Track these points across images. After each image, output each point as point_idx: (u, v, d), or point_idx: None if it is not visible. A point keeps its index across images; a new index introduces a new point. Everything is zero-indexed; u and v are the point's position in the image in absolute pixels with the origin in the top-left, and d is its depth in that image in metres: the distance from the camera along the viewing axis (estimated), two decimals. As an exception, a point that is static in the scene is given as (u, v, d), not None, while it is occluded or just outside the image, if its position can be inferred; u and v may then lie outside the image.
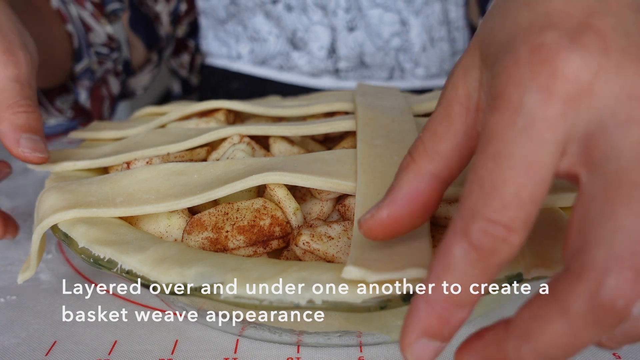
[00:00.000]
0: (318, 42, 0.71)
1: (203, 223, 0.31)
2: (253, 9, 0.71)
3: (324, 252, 0.29)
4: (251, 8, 0.71)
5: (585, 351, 0.32)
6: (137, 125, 0.47)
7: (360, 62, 0.72)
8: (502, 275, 0.27)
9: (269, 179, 0.32)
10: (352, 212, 0.33)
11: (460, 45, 0.77)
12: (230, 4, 0.73)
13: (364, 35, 0.70)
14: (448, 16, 0.74)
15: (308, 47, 0.71)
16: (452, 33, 0.75)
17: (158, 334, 0.34)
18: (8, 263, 0.43)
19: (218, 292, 0.26)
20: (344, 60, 0.72)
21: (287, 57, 0.73)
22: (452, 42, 0.75)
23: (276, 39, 0.72)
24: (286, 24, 0.71)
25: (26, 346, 0.33)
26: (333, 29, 0.70)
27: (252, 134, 0.40)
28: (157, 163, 0.37)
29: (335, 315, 0.28)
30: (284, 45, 0.72)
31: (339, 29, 0.70)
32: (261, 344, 0.33)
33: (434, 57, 0.74)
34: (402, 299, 0.25)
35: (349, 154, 0.35)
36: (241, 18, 0.73)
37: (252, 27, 0.72)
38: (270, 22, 0.71)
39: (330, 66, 0.72)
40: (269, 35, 0.72)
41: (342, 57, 0.71)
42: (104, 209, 0.32)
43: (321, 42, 0.71)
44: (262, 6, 0.71)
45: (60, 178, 0.38)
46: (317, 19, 0.70)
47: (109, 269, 0.29)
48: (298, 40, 0.71)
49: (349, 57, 0.71)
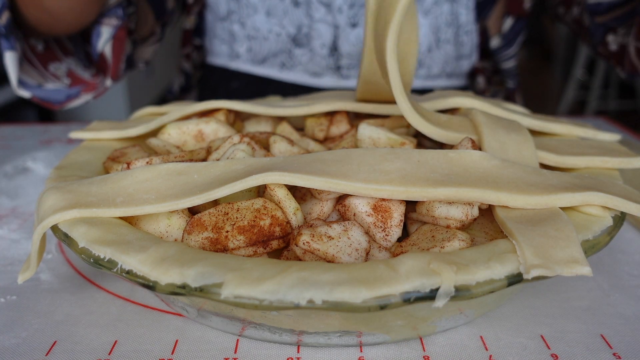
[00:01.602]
0: (320, 39, 0.71)
1: (203, 223, 0.31)
2: (255, 6, 0.71)
3: (324, 252, 0.29)
4: (253, 5, 0.71)
5: (585, 351, 0.32)
6: (137, 125, 0.47)
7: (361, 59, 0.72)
8: (502, 275, 0.27)
9: (269, 179, 0.32)
10: (352, 212, 0.33)
11: (467, 50, 0.77)
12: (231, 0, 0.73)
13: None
14: (458, 19, 0.74)
15: (310, 44, 0.71)
16: (461, 37, 0.75)
17: (158, 334, 0.34)
18: (8, 263, 0.43)
19: (218, 292, 0.26)
20: (345, 58, 0.72)
21: (290, 54, 0.73)
22: (459, 45, 0.75)
23: (277, 37, 0.72)
24: (291, 20, 0.70)
25: (26, 346, 0.33)
26: (336, 26, 0.70)
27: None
28: (157, 163, 0.37)
29: (335, 315, 0.28)
30: (286, 43, 0.72)
31: (341, 26, 0.70)
32: (261, 344, 0.33)
33: (438, 58, 0.74)
34: (402, 300, 0.25)
35: (349, 154, 0.35)
36: (241, 15, 0.73)
37: (252, 25, 0.72)
38: (272, 20, 0.71)
39: (332, 64, 0.72)
40: (269, 33, 0.72)
41: (344, 54, 0.71)
42: (104, 209, 0.32)
43: (323, 39, 0.71)
44: (264, 2, 0.71)
45: (60, 178, 0.38)
46: (320, 16, 0.70)
47: (109, 269, 0.29)
48: (302, 36, 0.71)
49: (350, 54, 0.71)
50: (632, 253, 0.44)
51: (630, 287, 0.39)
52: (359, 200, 0.33)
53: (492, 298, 0.32)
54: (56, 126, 0.82)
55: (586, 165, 0.39)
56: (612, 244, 0.45)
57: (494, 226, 0.34)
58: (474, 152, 0.35)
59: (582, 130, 0.44)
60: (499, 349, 0.32)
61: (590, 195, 0.32)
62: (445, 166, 0.34)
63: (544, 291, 0.38)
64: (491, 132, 0.39)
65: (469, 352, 0.32)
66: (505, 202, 0.32)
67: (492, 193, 0.32)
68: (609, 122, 0.82)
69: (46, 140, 0.74)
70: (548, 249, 0.28)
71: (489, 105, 0.45)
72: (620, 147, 0.41)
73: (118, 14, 0.62)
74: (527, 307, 0.36)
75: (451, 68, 0.76)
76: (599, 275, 0.40)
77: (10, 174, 0.61)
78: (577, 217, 0.32)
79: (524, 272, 0.27)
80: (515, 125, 0.41)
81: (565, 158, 0.39)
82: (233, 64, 0.77)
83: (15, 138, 0.76)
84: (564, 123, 0.45)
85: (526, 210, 0.32)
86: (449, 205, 0.32)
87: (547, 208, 0.32)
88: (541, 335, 0.34)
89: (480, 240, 0.33)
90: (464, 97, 0.45)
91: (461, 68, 0.78)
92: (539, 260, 0.27)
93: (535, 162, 0.37)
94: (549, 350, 0.32)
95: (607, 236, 0.31)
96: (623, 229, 0.47)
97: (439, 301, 0.25)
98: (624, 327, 0.34)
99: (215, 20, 0.76)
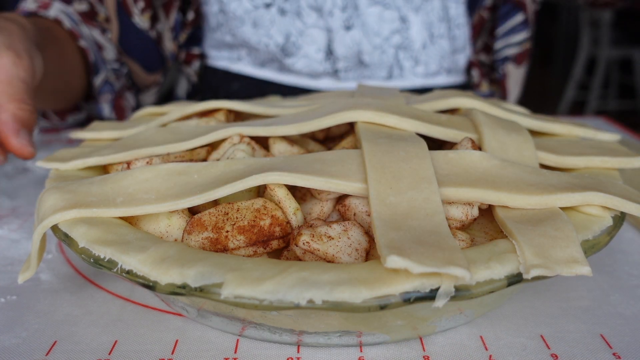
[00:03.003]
0: (314, 44, 0.70)
1: (203, 223, 0.31)
2: (241, 18, 0.71)
3: (324, 252, 0.29)
4: (239, 17, 0.71)
5: (585, 351, 0.32)
6: (137, 125, 0.47)
7: (358, 61, 0.72)
8: (502, 275, 0.27)
9: (269, 179, 0.32)
10: (352, 212, 0.33)
11: (460, 43, 0.77)
12: (219, 12, 0.73)
13: (360, 34, 0.70)
14: (448, 13, 0.74)
15: (303, 51, 0.71)
16: (453, 30, 0.75)
17: (158, 334, 0.34)
18: (8, 263, 0.43)
19: (218, 292, 0.26)
20: (342, 61, 0.71)
21: (281, 64, 0.73)
22: (452, 39, 0.76)
23: (266, 48, 0.72)
24: (279, 29, 0.70)
25: (26, 346, 0.33)
26: (329, 30, 0.70)
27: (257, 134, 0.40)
28: (157, 163, 0.37)
29: (335, 315, 0.28)
30: (276, 53, 0.72)
31: (335, 29, 0.70)
32: (261, 344, 0.33)
33: (434, 54, 0.74)
34: (402, 300, 0.25)
35: (349, 154, 0.35)
36: (230, 27, 0.73)
37: (241, 36, 0.72)
38: (259, 31, 0.71)
39: (329, 68, 0.72)
40: (258, 44, 0.72)
41: (340, 57, 0.71)
42: (104, 209, 0.32)
43: (318, 44, 0.71)
44: (249, 14, 0.70)
45: (60, 178, 0.38)
46: (312, 22, 0.70)
47: (109, 269, 0.29)
48: (291, 45, 0.71)
49: (347, 56, 0.71)
50: (632, 253, 0.44)
51: (630, 287, 0.39)
52: (359, 200, 0.33)
53: (492, 298, 0.32)
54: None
55: (586, 165, 0.39)
56: (612, 244, 0.45)
57: (494, 226, 0.34)
58: (474, 152, 0.35)
59: (581, 130, 0.44)
60: (499, 349, 0.32)
61: (590, 195, 0.32)
62: (445, 166, 0.34)
63: (544, 291, 0.38)
64: (491, 132, 0.39)
65: (469, 352, 0.32)
66: (505, 202, 0.32)
67: (492, 193, 0.32)
68: (608, 122, 0.82)
69: (46, 140, 0.74)
70: (548, 248, 0.28)
71: (489, 105, 0.45)
72: (620, 147, 0.41)
73: (109, 89, 0.69)
74: (527, 307, 0.36)
75: (448, 64, 0.76)
76: (599, 275, 0.40)
77: (10, 174, 0.61)
78: (577, 217, 0.32)
79: (524, 272, 0.27)
80: (515, 126, 0.41)
81: (565, 158, 0.39)
82: (235, 66, 0.77)
83: (15, 138, 0.76)
84: (564, 123, 0.45)
85: (526, 210, 0.32)
86: (449, 205, 0.32)
87: (547, 208, 0.32)
88: (541, 335, 0.34)
89: (480, 240, 0.33)
90: (464, 98, 0.45)
91: (458, 63, 0.78)
92: (538, 260, 0.27)
93: (535, 162, 0.37)
94: (549, 350, 0.32)
95: (607, 236, 0.31)
96: (623, 229, 0.47)
97: (439, 301, 0.25)
98: (624, 327, 0.34)
99: (209, 31, 0.77)
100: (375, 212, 0.29)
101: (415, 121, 0.39)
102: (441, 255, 0.26)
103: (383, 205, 0.30)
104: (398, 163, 0.33)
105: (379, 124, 0.39)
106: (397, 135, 0.37)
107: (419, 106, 0.44)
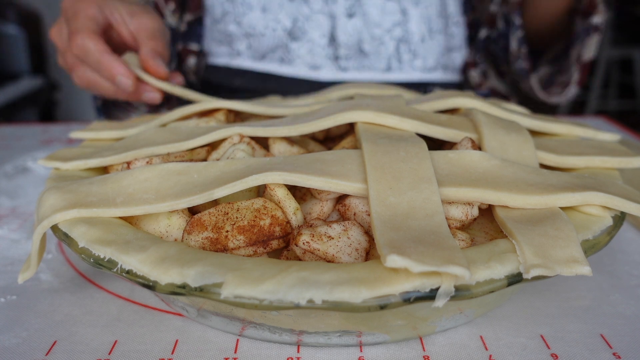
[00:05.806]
0: (319, 30, 0.73)
1: (203, 223, 0.31)
2: (250, 4, 0.73)
3: (324, 252, 0.29)
4: (248, 3, 0.73)
5: (585, 351, 0.32)
6: (137, 125, 0.47)
7: (359, 49, 0.74)
8: (502, 274, 0.27)
9: (269, 179, 0.32)
10: (352, 212, 0.33)
11: (457, 41, 0.78)
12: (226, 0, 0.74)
13: (361, 23, 0.72)
14: (446, 9, 0.75)
15: (308, 35, 0.73)
16: (450, 28, 0.76)
17: (158, 334, 0.34)
18: (8, 263, 0.43)
19: (218, 292, 0.26)
20: (343, 48, 0.73)
21: (286, 49, 0.74)
22: (449, 36, 0.76)
23: (273, 33, 0.73)
24: (287, 13, 0.72)
25: (26, 346, 0.33)
26: (332, 16, 0.72)
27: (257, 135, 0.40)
28: (157, 163, 0.37)
29: (335, 315, 0.28)
30: (282, 37, 0.73)
31: (338, 15, 0.72)
32: (261, 343, 0.33)
33: (432, 49, 0.75)
34: (403, 299, 0.25)
35: (350, 154, 0.35)
36: (236, 14, 0.74)
37: (248, 23, 0.74)
38: (268, 15, 0.73)
39: (331, 54, 0.74)
40: (265, 29, 0.73)
41: (341, 44, 0.73)
42: (104, 209, 0.32)
43: (322, 30, 0.73)
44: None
45: (60, 178, 0.38)
46: (318, 7, 0.72)
47: (109, 268, 0.29)
48: (297, 30, 0.73)
49: (348, 44, 0.73)
50: (632, 253, 0.44)
51: (630, 287, 0.39)
52: (359, 200, 0.33)
53: (492, 298, 0.32)
54: (56, 126, 0.82)
55: (586, 165, 0.39)
56: (612, 244, 0.45)
57: (494, 226, 0.34)
58: (474, 152, 0.35)
59: (582, 130, 0.44)
60: (499, 348, 0.32)
61: (590, 195, 0.32)
62: (445, 166, 0.34)
63: (544, 291, 0.38)
64: (491, 132, 0.39)
65: (469, 352, 0.32)
66: (505, 202, 0.32)
67: (492, 193, 0.32)
68: (608, 122, 0.82)
69: (46, 140, 0.74)
70: (548, 248, 0.28)
71: (489, 105, 0.45)
72: (620, 147, 0.41)
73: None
74: (527, 307, 0.36)
75: (445, 60, 0.77)
76: (599, 275, 0.40)
77: (10, 174, 0.61)
78: (577, 217, 0.32)
79: (524, 271, 0.27)
80: (515, 126, 0.41)
81: (565, 158, 0.39)
82: (234, 61, 0.78)
83: (15, 138, 0.76)
84: (564, 123, 0.45)
85: (526, 210, 0.32)
86: (449, 205, 0.32)
87: (547, 208, 0.32)
88: (541, 335, 0.34)
89: (480, 240, 0.33)
90: (464, 98, 0.45)
91: (454, 61, 0.79)
92: (538, 259, 0.27)
93: (535, 162, 0.37)
94: (549, 350, 0.32)
95: (607, 236, 0.31)
96: (623, 229, 0.47)
97: (439, 301, 0.25)
98: (624, 327, 0.34)
99: (212, 23, 0.77)
100: (375, 213, 0.29)
101: (415, 121, 0.39)
102: (441, 254, 0.26)
103: (383, 206, 0.30)
104: (398, 163, 0.33)
105: (379, 125, 0.39)
106: (397, 135, 0.37)
107: (419, 106, 0.44)
